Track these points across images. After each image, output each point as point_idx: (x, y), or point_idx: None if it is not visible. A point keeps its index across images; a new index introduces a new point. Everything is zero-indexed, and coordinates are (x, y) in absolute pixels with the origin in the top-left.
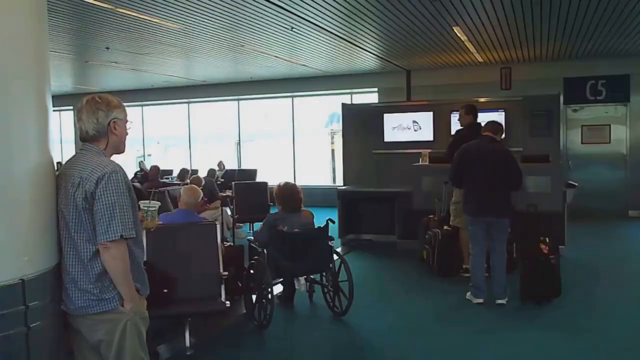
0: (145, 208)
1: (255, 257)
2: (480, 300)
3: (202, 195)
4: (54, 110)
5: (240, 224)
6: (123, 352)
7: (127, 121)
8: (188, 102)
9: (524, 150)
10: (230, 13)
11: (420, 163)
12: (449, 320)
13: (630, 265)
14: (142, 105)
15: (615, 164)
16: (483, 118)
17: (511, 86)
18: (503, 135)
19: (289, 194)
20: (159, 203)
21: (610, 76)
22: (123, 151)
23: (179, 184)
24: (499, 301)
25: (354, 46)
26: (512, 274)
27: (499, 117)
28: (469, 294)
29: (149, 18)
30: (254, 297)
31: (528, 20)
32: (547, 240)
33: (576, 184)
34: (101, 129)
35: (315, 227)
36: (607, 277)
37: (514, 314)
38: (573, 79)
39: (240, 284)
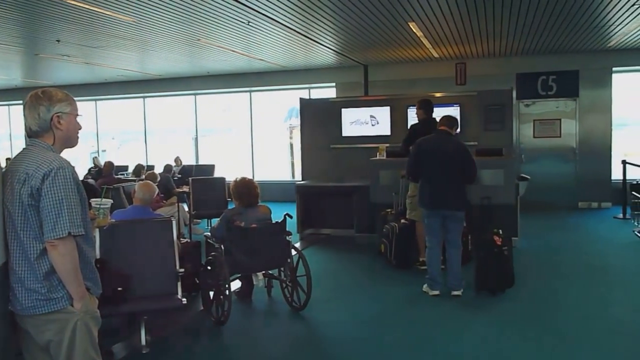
0: (97, 206)
1: (212, 253)
2: (437, 292)
3: (157, 191)
4: (2, 105)
5: (198, 220)
6: (73, 352)
7: (76, 115)
8: (143, 97)
9: (478, 144)
10: (185, 6)
11: (377, 157)
12: (406, 313)
13: (580, 255)
14: (95, 100)
15: (566, 157)
16: (439, 112)
17: (466, 81)
18: (458, 130)
19: (246, 189)
20: (111, 201)
21: (561, 72)
22: (74, 145)
23: (134, 180)
24: (455, 292)
25: (311, 41)
26: (467, 265)
27: (454, 111)
28: (425, 286)
29: (100, 10)
30: (211, 293)
31: (481, 16)
32: (500, 232)
33: (528, 177)
34: (43, 124)
35: (273, 222)
36: (558, 266)
37: (469, 305)
38: (525, 75)
39: (197, 281)
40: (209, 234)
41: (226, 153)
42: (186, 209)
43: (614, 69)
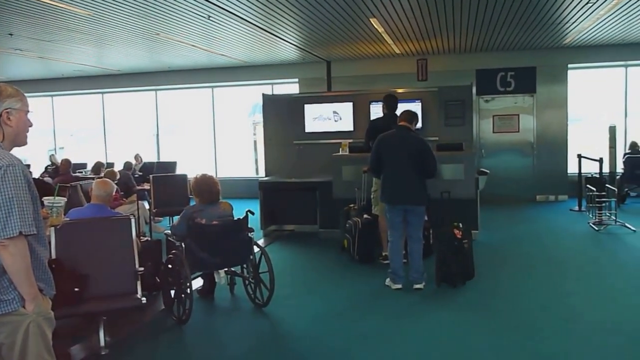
0: (50, 204)
1: (173, 251)
2: (399, 286)
3: (115, 188)
4: None
5: (160, 218)
6: (26, 355)
7: (26, 111)
8: (102, 93)
9: (439, 139)
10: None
11: (340, 153)
12: (369, 307)
13: (538, 247)
14: (52, 96)
15: (524, 152)
16: (401, 108)
17: (427, 77)
18: (419, 125)
19: (206, 186)
20: (65, 199)
21: (519, 68)
22: (24, 143)
23: (92, 178)
24: (417, 286)
25: (273, 36)
26: (429, 259)
27: (416, 107)
28: (388, 280)
29: (54, 3)
30: (172, 292)
31: (441, 13)
32: (461, 225)
33: (488, 171)
34: None
35: (234, 218)
36: (517, 258)
37: (431, 298)
38: (485, 71)
39: (158, 279)
40: (170, 231)
41: (188, 150)
42: (147, 206)
43: (569, 65)
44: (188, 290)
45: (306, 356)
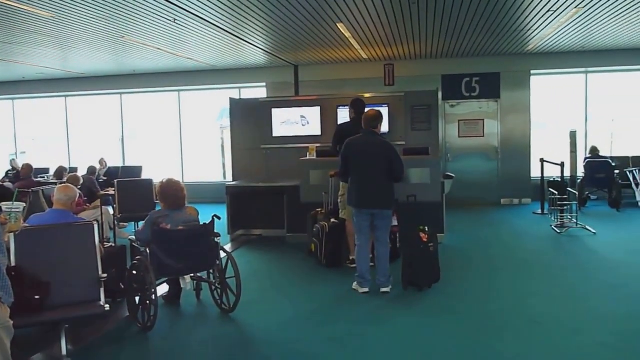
0: (8, 210)
1: (138, 257)
2: (366, 290)
3: (77, 194)
4: None
5: (125, 224)
6: None
7: None
8: (65, 96)
9: (405, 143)
10: (107, 2)
11: (307, 157)
12: (336, 311)
13: (502, 249)
14: (13, 99)
15: (489, 156)
16: None
17: (394, 82)
18: (386, 129)
19: (172, 190)
20: (24, 204)
21: (483, 74)
22: None
23: (55, 183)
24: (383, 289)
25: (240, 40)
26: (396, 262)
27: (383, 111)
28: (355, 284)
29: (16, 4)
30: (137, 298)
31: (407, 19)
32: (426, 229)
33: (453, 175)
34: None
35: (201, 223)
36: (482, 260)
37: (397, 301)
38: (450, 76)
39: (122, 286)
40: (134, 237)
41: (154, 154)
42: (112, 212)
43: (532, 71)
44: (153, 297)
45: None
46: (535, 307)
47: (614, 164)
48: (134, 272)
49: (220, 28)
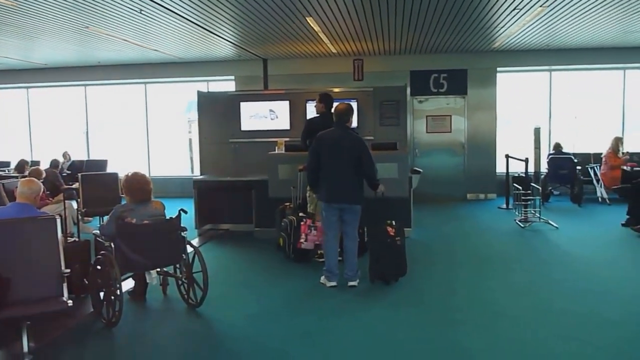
0: None
1: (102, 251)
2: (334, 284)
3: (41, 187)
4: None
5: (89, 218)
6: None
7: None
8: (27, 87)
9: (374, 138)
10: None
11: (276, 152)
12: (304, 305)
13: (468, 243)
14: None
15: (455, 152)
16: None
17: (363, 77)
18: (355, 124)
19: (137, 184)
20: None
21: (451, 70)
22: None
23: (16, 177)
24: (351, 283)
25: (208, 33)
26: (363, 256)
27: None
28: (322, 278)
29: None
30: (101, 294)
31: (376, 14)
32: (393, 223)
33: (421, 170)
34: None
35: (167, 218)
36: (448, 254)
37: (365, 295)
38: (418, 72)
39: (86, 281)
40: (98, 232)
41: (120, 148)
42: (75, 206)
43: (498, 69)
44: (118, 292)
45: (241, 356)
46: (499, 300)
47: (576, 160)
48: (98, 267)
49: (188, 20)
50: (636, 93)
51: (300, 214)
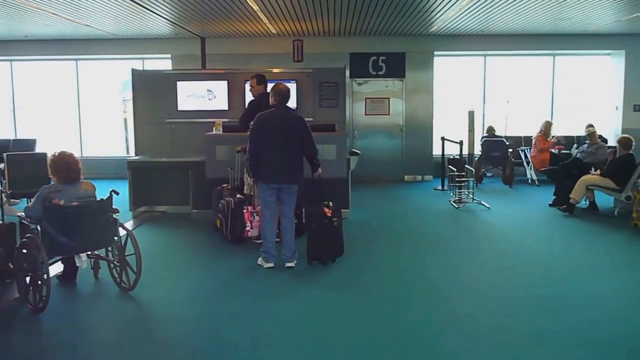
0: None
1: (28, 234)
2: (271, 265)
3: None
4: None
5: (16, 200)
6: None
7: None
8: None
9: (313, 120)
10: None
11: (213, 132)
12: (240, 287)
13: (404, 224)
14: None
15: (394, 134)
16: None
17: (303, 58)
18: (294, 105)
19: (65, 163)
20: None
21: (390, 53)
22: None
23: None
24: (288, 264)
25: (143, 9)
26: (301, 237)
27: (291, 87)
28: (260, 259)
29: None
30: (28, 278)
31: None
32: (330, 204)
33: (359, 152)
34: None
35: (97, 199)
36: (385, 235)
37: (302, 276)
38: (358, 54)
39: (11, 266)
40: (23, 214)
41: (50, 127)
42: (0, 187)
43: (435, 52)
44: (45, 276)
45: (176, 339)
46: (433, 278)
47: (508, 143)
48: (24, 250)
49: None
50: (565, 79)
51: (238, 196)
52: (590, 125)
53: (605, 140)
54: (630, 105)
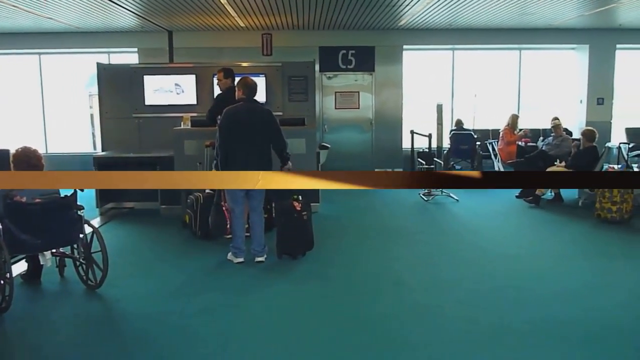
0: None
1: None
2: (241, 260)
3: None
4: None
5: None
6: None
7: None
8: None
9: (283, 114)
10: None
11: (182, 127)
12: (210, 282)
13: (373, 217)
14: None
15: (363, 128)
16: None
17: (272, 52)
18: (264, 99)
19: (27, 158)
20: None
21: (359, 47)
22: None
23: None
24: (258, 259)
25: (107, 1)
26: (271, 232)
27: (260, 81)
28: (230, 254)
29: None
30: None
31: None
32: (300, 198)
33: (329, 146)
34: None
35: (61, 195)
36: (354, 228)
37: (272, 270)
38: (327, 48)
39: None
40: None
41: (12, 123)
42: None
43: (404, 46)
44: (7, 275)
45: (144, 336)
46: (400, 271)
47: (476, 136)
48: None
49: None
50: (531, 72)
51: (207, 191)
52: (556, 118)
53: (570, 133)
54: (594, 98)
